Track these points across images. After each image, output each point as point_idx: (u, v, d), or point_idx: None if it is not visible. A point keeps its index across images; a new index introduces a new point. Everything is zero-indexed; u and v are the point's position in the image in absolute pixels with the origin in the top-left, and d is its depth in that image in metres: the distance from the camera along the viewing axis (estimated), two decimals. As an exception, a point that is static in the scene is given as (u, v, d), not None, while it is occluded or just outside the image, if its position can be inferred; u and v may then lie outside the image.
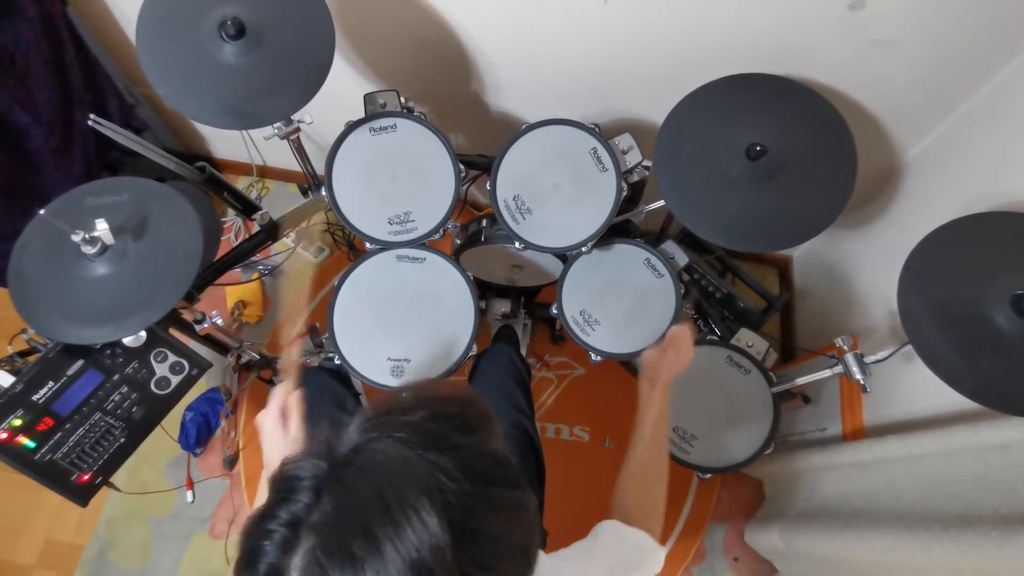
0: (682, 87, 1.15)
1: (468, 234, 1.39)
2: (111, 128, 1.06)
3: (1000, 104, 1.09)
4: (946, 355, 0.89)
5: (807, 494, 1.47)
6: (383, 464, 0.45)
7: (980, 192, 1.10)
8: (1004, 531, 0.89)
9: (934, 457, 1.08)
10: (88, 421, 1.02)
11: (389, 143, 1.21)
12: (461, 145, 1.69)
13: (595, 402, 1.79)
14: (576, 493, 1.65)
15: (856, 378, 1.09)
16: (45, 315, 0.97)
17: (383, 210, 1.21)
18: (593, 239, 1.19)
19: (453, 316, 1.20)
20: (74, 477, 1.00)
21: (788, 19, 1.08)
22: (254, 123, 1.06)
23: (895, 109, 1.24)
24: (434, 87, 1.49)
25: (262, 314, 1.92)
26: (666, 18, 1.13)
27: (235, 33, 1.00)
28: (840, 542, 1.22)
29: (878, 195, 1.44)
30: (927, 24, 1.03)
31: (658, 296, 1.26)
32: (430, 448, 0.46)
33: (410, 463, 0.45)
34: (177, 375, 1.09)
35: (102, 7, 1.47)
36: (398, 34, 1.34)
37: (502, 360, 1.21)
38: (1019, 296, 0.86)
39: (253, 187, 2.08)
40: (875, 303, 1.41)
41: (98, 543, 1.65)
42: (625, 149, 1.22)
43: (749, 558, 1.64)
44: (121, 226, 1.01)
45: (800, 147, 1.09)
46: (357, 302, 1.20)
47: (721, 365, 1.26)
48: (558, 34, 1.23)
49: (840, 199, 1.08)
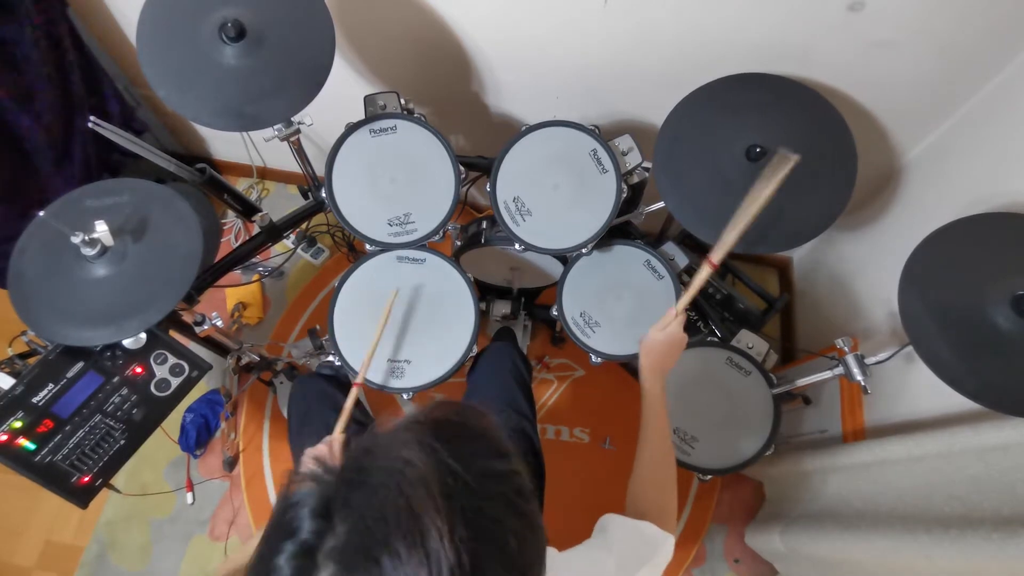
0: (682, 88, 1.15)
1: (468, 235, 1.39)
2: (111, 130, 1.06)
3: (1000, 105, 1.09)
4: (947, 356, 0.89)
5: (808, 495, 1.46)
6: (390, 477, 0.44)
7: (980, 193, 1.10)
8: (1005, 532, 0.89)
9: (935, 458, 1.08)
10: (88, 423, 1.02)
11: (389, 145, 1.21)
12: (461, 146, 1.69)
13: (595, 404, 1.79)
14: (576, 494, 1.65)
15: (857, 379, 1.09)
16: (45, 317, 0.97)
17: (383, 211, 1.21)
18: (593, 241, 1.19)
19: (453, 318, 1.20)
20: (74, 479, 1.00)
21: (788, 20, 1.08)
22: (254, 125, 1.06)
23: (895, 110, 1.24)
24: (434, 89, 1.49)
25: (262, 316, 1.92)
26: (666, 19, 1.13)
27: (235, 35, 1.00)
28: (841, 543, 1.21)
29: (878, 196, 1.44)
30: (927, 25, 1.03)
31: (658, 298, 1.26)
32: (436, 456, 0.46)
33: (417, 472, 0.44)
34: (177, 377, 1.09)
35: (103, 9, 1.47)
36: (398, 36, 1.34)
37: (502, 360, 1.21)
38: (1019, 297, 0.86)
39: (253, 189, 2.08)
40: (875, 304, 1.41)
41: (98, 544, 1.65)
42: (625, 150, 1.22)
43: (750, 560, 1.64)
44: (121, 228, 1.00)
45: (800, 148, 1.09)
46: (357, 303, 1.20)
47: (721, 366, 1.26)
48: (558, 35, 1.23)
49: (840, 200, 1.08)
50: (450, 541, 0.41)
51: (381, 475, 0.44)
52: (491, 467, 0.48)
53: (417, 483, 0.43)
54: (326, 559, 0.41)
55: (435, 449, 0.46)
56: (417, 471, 0.44)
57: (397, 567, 0.40)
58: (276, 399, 1.79)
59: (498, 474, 0.48)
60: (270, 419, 1.79)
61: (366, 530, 0.42)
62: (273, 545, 0.43)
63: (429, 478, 0.44)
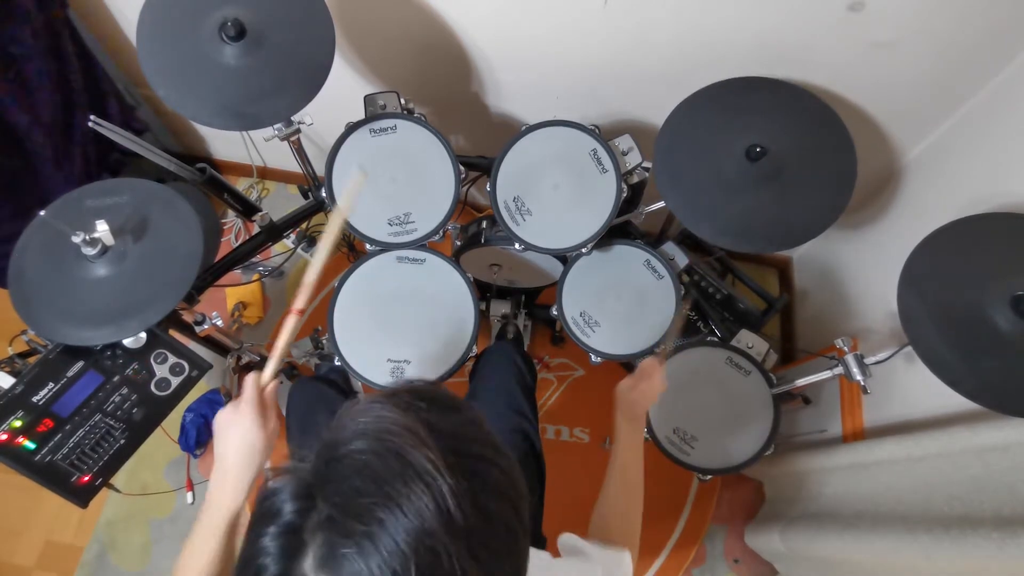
0: (682, 88, 1.15)
1: (468, 235, 1.39)
2: (111, 129, 1.06)
3: (1000, 105, 1.09)
4: (946, 356, 0.89)
5: (808, 495, 1.46)
6: (369, 435, 0.44)
7: (980, 193, 1.10)
8: (1005, 532, 0.89)
9: (934, 458, 1.08)
10: (88, 422, 1.02)
11: (389, 144, 1.21)
12: (461, 146, 1.69)
13: (595, 403, 1.79)
14: (576, 495, 1.65)
15: (856, 379, 1.09)
16: (45, 316, 0.97)
17: (383, 211, 1.21)
18: (593, 240, 1.19)
19: (453, 317, 1.20)
20: (74, 478, 1.00)
21: (788, 20, 1.08)
22: (254, 124, 1.06)
23: (895, 110, 1.24)
24: (434, 88, 1.49)
25: (262, 315, 1.92)
26: (666, 19, 1.13)
27: (235, 35, 1.00)
28: (841, 543, 1.21)
29: (878, 196, 1.44)
30: (927, 25, 1.03)
31: (658, 297, 1.26)
32: (413, 408, 0.46)
33: (397, 421, 0.44)
34: (177, 376, 1.09)
35: (103, 9, 1.47)
36: (398, 36, 1.34)
37: (503, 361, 1.21)
38: (1019, 297, 0.86)
39: (253, 188, 2.09)
40: (875, 304, 1.41)
41: (98, 544, 1.65)
42: (625, 150, 1.22)
43: (750, 560, 1.64)
44: (121, 227, 1.00)
45: (800, 148, 1.09)
46: (357, 303, 1.20)
47: (721, 366, 1.26)
48: (558, 35, 1.23)
49: (840, 200, 1.08)
50: (445, 467, 0.42)
51: (359, 439, 0.44)
52: (467, 420, 0.49)
53: (399, 430, 0.43)
54: (313, 533, 0.41)
55: (410, 404, 0.46)
56: (397, 420, 0.44)
57: (402, 504, 0.40)
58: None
59: (475, 423, 0.49)
60: (270, 419, 1.78)
61: (354, 492, 0.41)
62: (257, 531, 0.43)
63: (409, 424, 0.44)
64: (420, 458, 0.42)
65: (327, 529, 0.41)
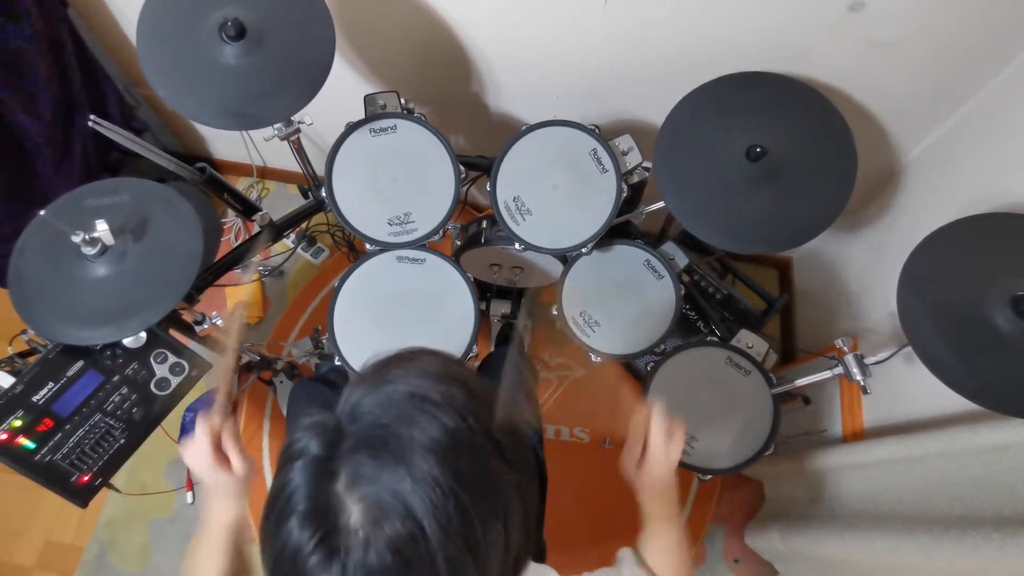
0: (682, 88, 1.15)
1: (468, 235, 1.39)
2: (111, 129, 1.06)
3: (1000, 105, 1.09)
4: (946, 356, 0.89)
5: (808, 495, 1.46)
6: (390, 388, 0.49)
7: (980, 193, 1.10)
8: (1005, 532, 0.89)
9: (934, 458, 1.08)
10: (88, 422, 1.02)
11: (389, 144, 1.21)
12: (461, 146, 1.69)
13: (595, 404, 1.79)
14: (576, 494, 1.65)
15: (856, 379, 1.09)
16: (45, 316, 0.97)
17: (383, 211, 1.21)
18: (593, 240, 1.19)
19: (453, 317, 1.20)
20: (74, 478, 1.00)
21: (788, 20, 1.08)
22: (254, 124, 1.06)
23: (895, 110, 1.24)
24: (434, 88, 1.49)
25: (262, 315, 1.92)
26: (666, 19, 1.13)
27: (235, 34, 1.00)
28: (841, 543, 1.21)
29: (878, 196, 1.44)
30: (927, 25, 1.03)
31: (658, 297, 1.26)
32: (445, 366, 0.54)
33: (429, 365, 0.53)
34: (177, 376, 1.09)
35: (102, 8, 1.47)
36: (398, 36, 1.34)
37: (506, 365, 1.20)
38: (1019, 297, 0.86)
39: (253, 188, 2.09)
40: (875, 304, 1.41)
41: (98, 544, 1.65)
42: (625, 150, 1.22)
43: (750, 560, 1.64)
44: (121, 227, 1.00)
45: (800, 148, 1.09)
46: (357, 303, 1.20)
47: (721, 366, 1.26)
48: (558, 35, 1.23)
49: (840, 200, 1.08)
50: (467, 395, 0.49)
51: (390, 382, 0.49)
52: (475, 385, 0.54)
53: (425, 374, 0.50)
54: (342, 461, 0.44)
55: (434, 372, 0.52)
56: (429, 365, 0.53)
57: (431, 419, 0.45)
58: (276, 398, 1.79)
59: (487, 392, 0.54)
60: (270, 418, 1.79)
61: (377, 422, 0.46)
62: (286, 470, 0.46)
63: (438, 371, 0.51)
64: (445, 394, 0.48)
65: (356, 452, 0.44)
